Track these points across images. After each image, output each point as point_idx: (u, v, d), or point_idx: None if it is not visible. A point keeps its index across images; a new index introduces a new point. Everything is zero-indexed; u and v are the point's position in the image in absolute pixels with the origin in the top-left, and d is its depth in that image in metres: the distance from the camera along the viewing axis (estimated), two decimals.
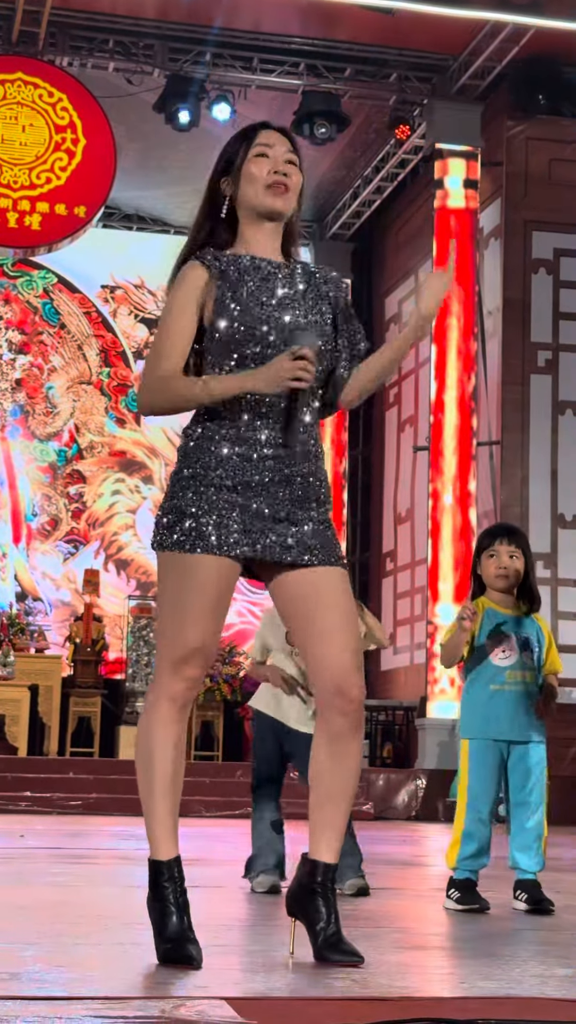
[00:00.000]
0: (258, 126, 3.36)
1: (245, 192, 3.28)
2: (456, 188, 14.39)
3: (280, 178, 3.25)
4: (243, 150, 3.30)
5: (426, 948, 3.70)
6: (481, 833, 4.61)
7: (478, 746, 4.65)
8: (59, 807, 11.90)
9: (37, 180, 13.68)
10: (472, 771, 4.65)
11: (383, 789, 13.12)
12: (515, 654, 4.67)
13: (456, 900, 4.55)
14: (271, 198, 3.26)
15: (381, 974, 2.99)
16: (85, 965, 3.02)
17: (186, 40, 14.10)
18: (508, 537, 4.73)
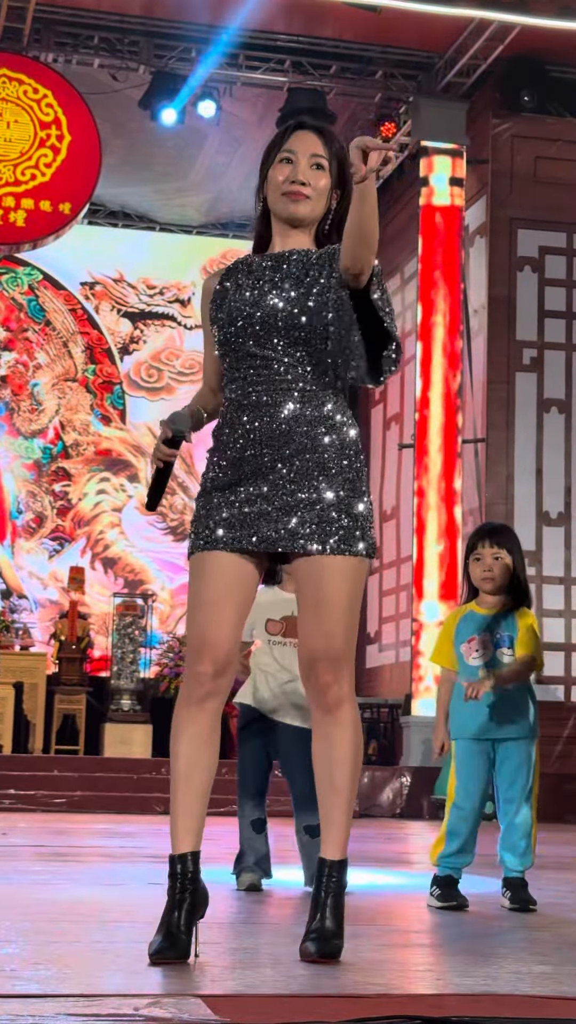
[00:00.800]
0: (292, 127, 3.35)
1: (269, 196, 3.32)
2: (441, 186, 14.39)
3: (295, 187, 3.25)
4: (273, 154, 3.32)
5: (405, 945, 3.70)
6: (465, 831, 4.61)
7: (463, 746, 4.66)
8: (43, 805, 11.88)
9: (22, 176, 13.65)
10: (458, 771, 4.66)
11: (368, 787, 13.11)
12: (489, 652, 4.66)
13: (437, 897, 4.56)
14: (288, 205, 3.28)
15: (358, 971, 2.99)
16: (62, 963, 3.01)
17: (171, 37, 14.08)
18: (491, 538, 4.71)
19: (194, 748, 3.20)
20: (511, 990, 2.80)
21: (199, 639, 3.18)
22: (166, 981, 2.78)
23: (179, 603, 17.26)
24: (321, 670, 3.19)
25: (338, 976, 2.89)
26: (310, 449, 3.19)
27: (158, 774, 12.85)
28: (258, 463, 3.19)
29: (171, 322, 17.89)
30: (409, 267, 15.64)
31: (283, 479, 3.18)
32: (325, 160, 3.29)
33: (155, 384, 17.73)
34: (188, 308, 17.81)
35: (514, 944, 3.69)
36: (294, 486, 3.18)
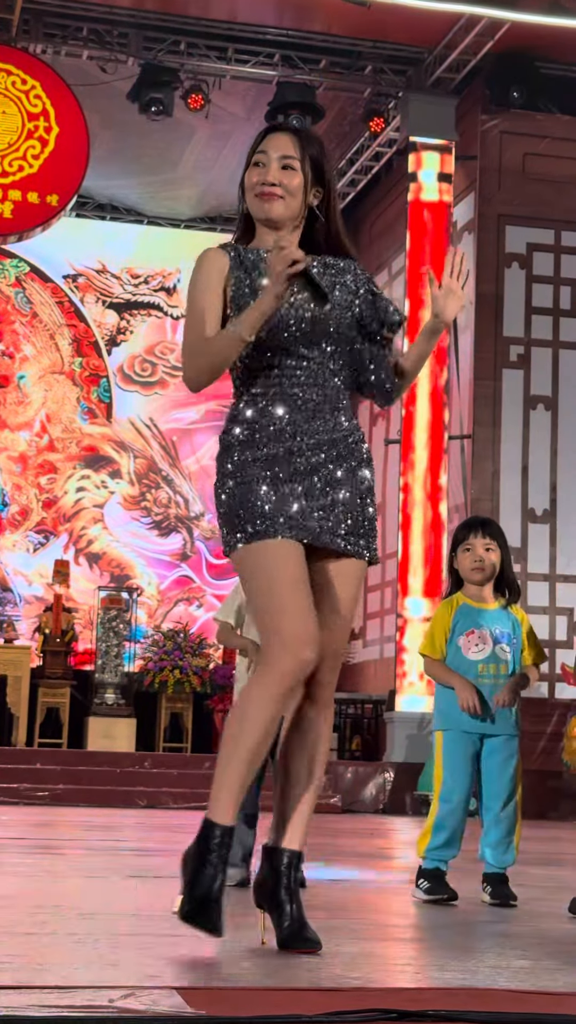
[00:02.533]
0: (265, 130, 3.46)
1: (247, 200, 3.40)
2: (430, 181, 14.38)
3: (265, 188, 3.33)
4: (248, 158, 3.41)
5: (384, 939, 3.69)
6: (452, 824, 4.60)
7: (451, 737, 4.64)
8: (26, 798, 11.86)
9: (9, 168, 13.60)
10: (445, 763, 4.64)
11: (351, 782, 13.12)
12: (488, 647, 4.65)
13: (424, 890, 4.55)
14: (260, 206, 3.36)
15: (336, 964, 2.97)
16: (38, 955, 2.99)
17: (161, 29, 14.04)
18: (483, 529, 4.71)
19: (266, 740, 3.18)
20: (489, 984, 2.79)
21: (301, 626, 3.14)
22: (141, 973, 2.77)
23: (168, 598, 17.24)
24: (327, 668, 3.27)
25: (315, 970, 2.88)
26: (350, 455, 3.31)
27: (141, 768, 12.85)
28: (307, 462, 3.25)
29: (157, 311, 17.85)
30: (397, 263, 15.63)
31: (329, 480, 3.26)
32: (296, 160, 3.36)
33: (149, 378, 17.69)
34: (174, 297, 17.76)
35: (493, 939, 3.68)
36: (335, 490, 3.26)
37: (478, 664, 4.63)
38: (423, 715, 13.51)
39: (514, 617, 4.72)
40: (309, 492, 3.23)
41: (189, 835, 3.26)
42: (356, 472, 3.30)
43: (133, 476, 17.33)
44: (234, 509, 3.23)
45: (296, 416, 3.26)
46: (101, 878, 5.15)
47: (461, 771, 4.62)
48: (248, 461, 3.25)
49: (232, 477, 3.26)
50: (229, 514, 3.25)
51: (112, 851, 6.90)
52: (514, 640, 4.68)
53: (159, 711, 15.23)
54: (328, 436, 3.27)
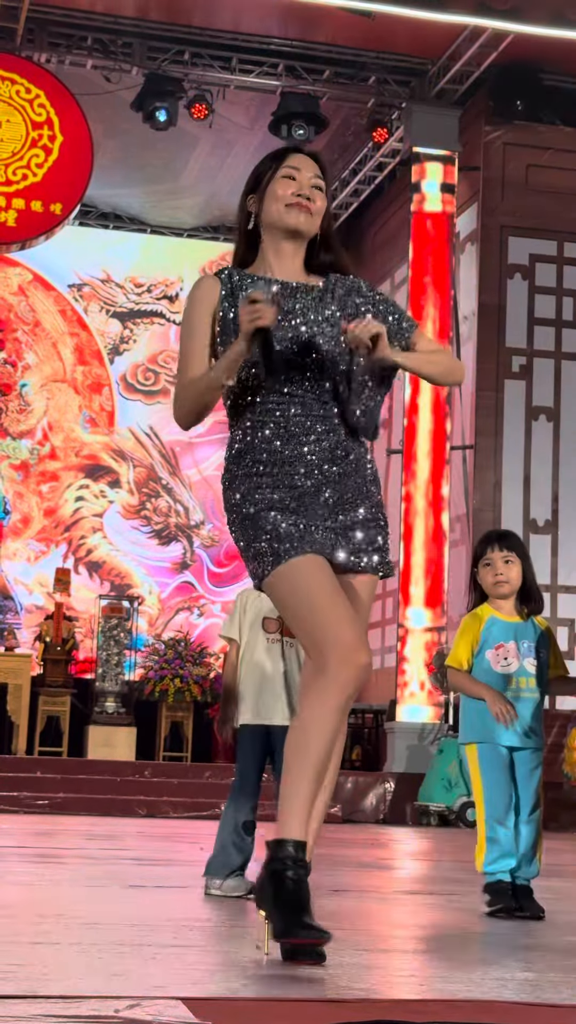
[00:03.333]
0: (290, 148, 3.47)
1: (268, 209, 3.37)
2: (433, 192, 14.41)
3: (301, 200, 3.35)
4: (271, 170, 3.39)
5: (388, 950, 3.68)
6: (503, 835, 4.58)
7: (486, 750, 4.62)
8: (26, 806, 11.84)
9: (13, 176, 13.63)
10: (484, 775, 4.61)
11: (351, 792, 13.10)
12: (517, 661, 4.63)
13: (488, 903, 4.52)
14: (291, 215, 3.35)
15: (341, 976, 2.97)
16: (41, 964, 2.98)
17: (165, 39, 14.07)
18: (500, 543, 4.69)
19: (333, 745, 3.20)
20: (494, 996, 2.78)
21: (350, 634, 3.16)
22: (146, 983, 2.76)
23: (168, 607, 17.23)
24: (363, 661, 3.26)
25: (321, 981, 2.88)
26: (356, 474, 3.31)
27: (141, 776, 12.83)
28: (313, 484, 3.25)
29: (160, 319, 17.87)
30: (399, 273, 15.65)
31: (337, 500, 3.27)
32: (323, 183, 3.41)
33: (151, 387, 17.70)
34: (176, 304, 17.78)
35: (498, 950, 3.68)
36: (344, 509, 3.28)
37: (508, 678, 4.62)
38: (424, 725, 13.50)
39: (540, 629, 4.71)
40: (319, 513, 3.24)
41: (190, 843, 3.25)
42: (363, 489, 3.31)
43: (132, 485, 17.34)
44: (252, 541, 3.24)
45: (298, 438, 3.26)
46: (103, 887, 5.14)
47: (503, 782, 4.60)
48: (253, 489, 3.26)
49: (240, 510, 3.27)
50: (249, 547, 3.26)
51: (113, 860, 6.89)
52: (541, 653, 4.67)
53: (159, 720, 15.22)
54: (331, 455, 3.27)
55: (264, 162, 3.44)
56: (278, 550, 3.19)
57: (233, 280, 3.36)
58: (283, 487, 3.25)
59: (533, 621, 4.70)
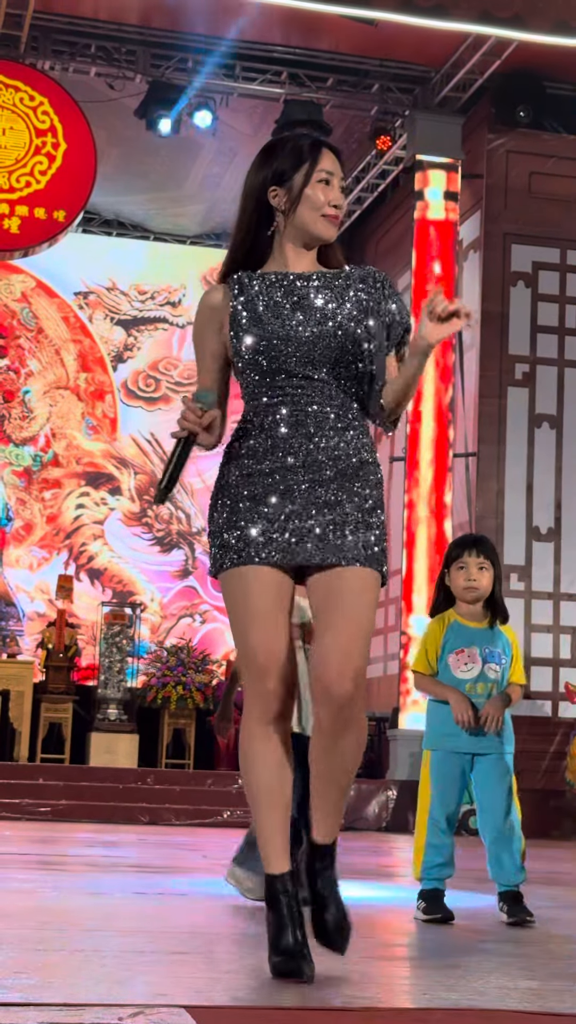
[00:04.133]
0: (319, 144, 3.35)
1: (302, 214, 3.30)
2: (436, 200, 14.41)
3: (336, 211, 3.31)
4: (305, 170, 3.29)
5: (391, 959, 3.67)
6: (443, 843, 4.61)
7: (439, 757, 4.65)
8: (28, 813, 11.84)
9: (16, 183, 13.64)
10: (433, 782, 4.64)
11: (354, 799, 13.08)
12: (478, 667, 4.66)
13: (423, 910, 4.55)
14: (327, 228, 3.32)
15: (345, 984, 2.96)
16: (45, 971, 2.98)
17: (168, 46, 14.09)
18: (477, 548, 4.71)
19: (272, 775, 3.18)
20: (498, 1005, 2.78)
21: (262, 658, 3.12)
22: (150, 991, 2.76)
23: (170, 614, 17.23)
24: (333, 666, 3.14)
25: (324, 990, 2.87)
26: (354, 475, 3.22)
27: (143, 784, 12.83)
28: (297, 481, 3.18)
29: (163, 324, 17.88)
30: (402, 280, 15.65)
31: (320, 500, 3.18)
32: (344, 183, 3.37)
33: (152, 394, 17.71)
34: (179, 308, 17.80)
35: (501, 959, 3.67)
36: (329, 508, 3.18)
37: (467, 683, 4.64)
38: None
39: (504, 637, 4.72)
40: (304, 511, 3.17)
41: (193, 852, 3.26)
42: (357, 490, 3.21)
43: (133, 492, 17.35)
44: (220, 529, 3.21)
45: (296, 433, 3.20)
46: (105, 895, 5.14)
47: (452, 791, 4.62)
48: (240, 478, 3.22)
49: (226, 492, 3.24)
50: (218, 533, 3.23)
51: (115, 868, 6.89)
52: (503, 660, 4.69)
53: (162, 727, 15.20)
54: (331, 454, 3.20)
55: (294, 153, 3.31)
56: (240, 552, 3.16)
57: (243, 281, 3.29)
58: (271, 480, 3.19)
59: (498, 629, 4.71)
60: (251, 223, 3.34)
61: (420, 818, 4.65)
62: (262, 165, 3.33)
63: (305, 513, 3.17)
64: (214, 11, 13.48)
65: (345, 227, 16.92)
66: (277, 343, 3.22)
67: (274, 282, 3.29)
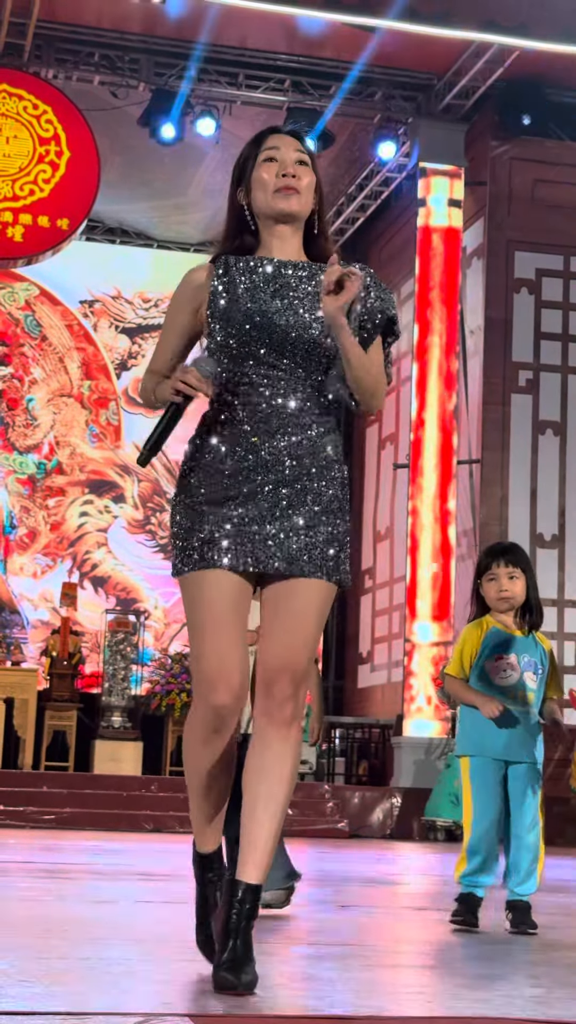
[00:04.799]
0: (267, 132, 3.35)
1: (256, 198, 3.28)
2: (440, 207, 14.43)
3: (288, 181, 3.23)
4: (253, 157, 3.30)
5: (396, 967, 3.67)
6: (485, 849, 4.58)
7: (478, 763, 4.62)
8: (32, 821, 11.82)
9: (20, 192, 13.66)
10: (475, 788, 4.61)
11: (358, 807, 13.07)
12: (516, 674, 4.63)
13: (452, 913, 4.54)
14: (281, 201, 3.25)
15: (349, 992, 2.96)
16: (50, 980, 2.98)
17: (172, 55, 14.11)
18: (505, 557, 4.69)
19: (212, 778, 3.19)
20: (503, 1013, 2.77)
21: (213, 669, 3.08)
22: (154, 1000, 2.76)
23: (173, 620, 17.23)
24: (284, 683, 3.10)
25: (329, 997, 2.87)
26: (310, 476, 3.15)
27: (147, 791, 12.81)
28: (259, 482, 3.12)
29: None
30: (406, 287, 15.66)
31: (283, 501, 3.12)
32: (307, 156, 3.30)
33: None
34: None
35: (506, 967, 3.66)
36: (292, 510, 3.12)
37: (507, 690, 4.61)
38: (431, 740, 13.48)
39: (542, 647, 4.71)
40: (266, 515, 3.11)
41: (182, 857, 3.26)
42: (326, 491, 3.15)
43: (137, 500, 17.35)
44: (179, 534, 3.17)
45: (257, 431, 3.13)
46: (110, 903, 5.13)
47: (492, 797, 4.60)
48: (202, 479, 3.16)
49: (179, 500, 3.19)
50: (175, 538, 3.19)
51: (120, 876, 6.88)
52: (540, 669, 4.67)
53: (166, 734, 15.19)
54: (294, 452, 3.13)
55: (244, 151, 3.33)
56: (198, 554, 3.11)
57: (229, 263, 3.27)
58: (228, 483, 3.13)
59: (535, 637, 4.70)
60: (229, 224, 3.37)
61: (465, 825, 4.64)
62: (232, 170, 3.38)
63: (268, 515, 3.11)
64: (217, 20, 13.50)
65: (348, 234, 16.95)
66: (249, 328, 3.16)
67: (257, 266, 3.25)
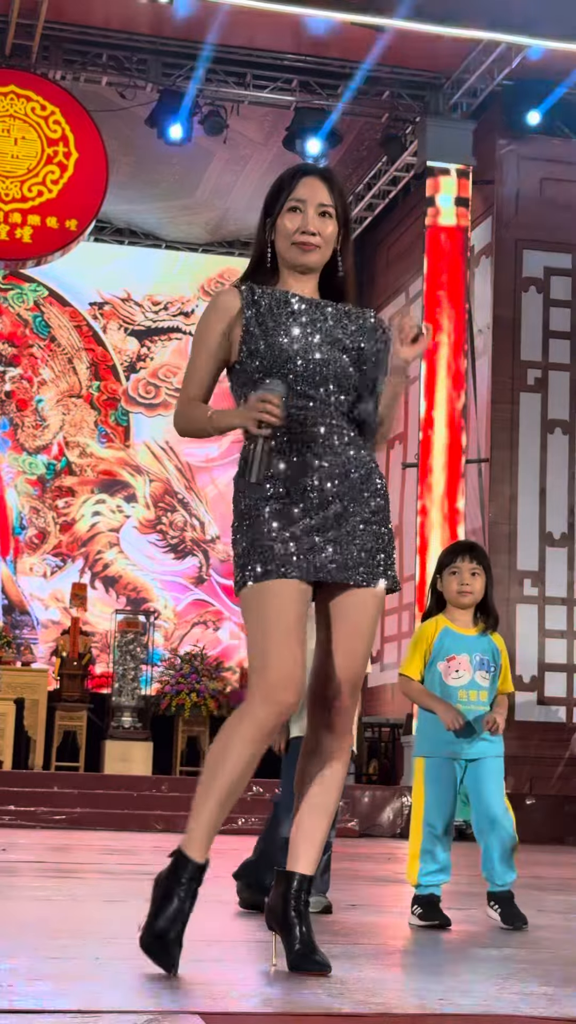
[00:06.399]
0: (297, 172, 3.43)
1: (279, 243, 3.40)
2: (447, 206, 14.43)
3: (306, 238, 3.35)
4: (281, 199, 3.39)
5: (406, 965, 3.68)
6: (438, 850, 4.62)
7: (432, 764, 4.67)
8: (43, 821, 11.85)
9: (29, 193, 13.69)
10: (428, 789, 4.66)
11: (368, 806, 13.09)
12: (468, 674, 4.67)
13: (419, 916, 4.56)
14: (299, 255, 3.37)
15: (359, 990, 2.97)
16: (61, 979, 2.99)
17: (179, 55, 14.12)
18: (470, 554, 4.75)
19: (241, 781, 3.23)
20: (512, 1011, 2.78)
21: (286, 669, 3.17)
22: (165, 998, 2.77)
23: (184, 621, 17.24)
24: (345, 695, 3.31)
25: (338, 995, 2.88)
26: (363, 487, 3.32)
27: (158, 791, 12.83)
28: (312, 499, 3.26)
29: (177, 334, 17.90)
30: (414, 287, 15.67)
31: (336, 515, 3.27)
32: (331, 208, 3.39)
33: (152, 400, 17.73)
34: (192, 318, 17.81)
35: (515, 965, 3.67)
36: (344, 522, 3.28)
37: (458, 690, 4.65)
38: None
39: (494, 644, 4.74)
40: (321, 528, 3.26)
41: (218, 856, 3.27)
42: (369, 503, 3.32)
43: (149, 500, 17.36)
44: (247, 549, 3.28)
45: (305, 453, 3.29)
46: (121, 902, 5.15)
47: (446, 797, 4.64)
48: (260, 500, 3.28)
49: (246, 517, 3.30)
50: (242, 554, 3.29)
51: (131, 875, 6.89)
52: (493, 668, 4.70)
53: (176, 735, 15.22)
54: (340, 470, 3.29)
55: (274, 187, 3.43)
56: (261, 568, 3.23)
57: (255, 292, 3.37)
58: (289, 500, 3.26)
59: (488, 636, 4.73)
60: (260, 254, 3.45)
61: (415, 825, 4.67)
62: (265, 201, 3.45)
63: (323, 527, 3.26)
64: (224, 20, 13.51)
65: (356, 234, 16.96)
66: (285, 361, 3.30)
67: (286, 300, 3.37)
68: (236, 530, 3.34)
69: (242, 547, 3.29)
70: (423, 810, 4.64)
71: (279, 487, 3.27)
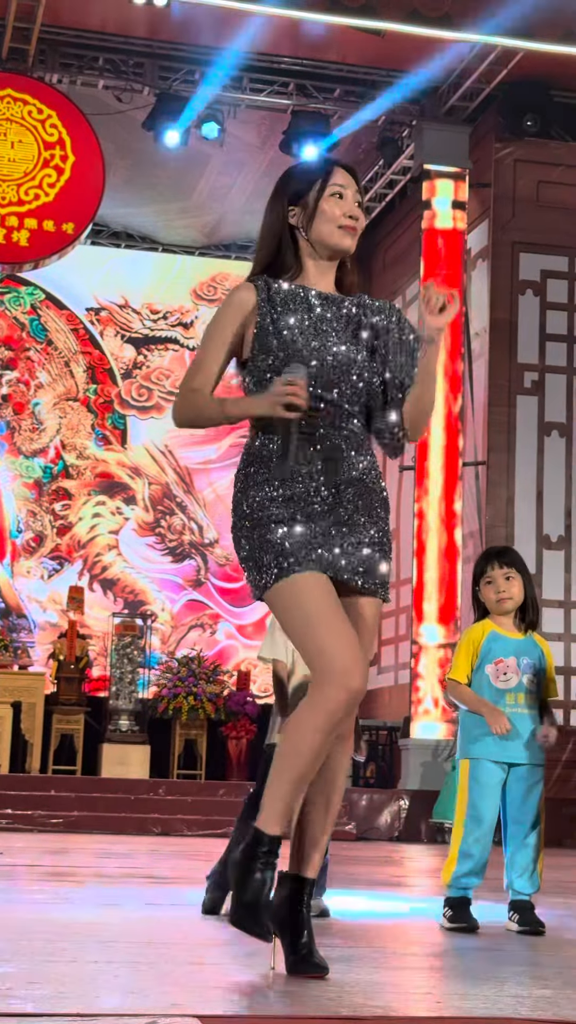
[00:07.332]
0: (332, 162, 3.50)
1: (319, 228, 3.42)
2: (444, 209, 14.43)
3: (353, 222, 3.42)
4: (318, 186, 3.43)
5: (404, 968, 3.67)
6: (478, 852, 4.59)
7: (479, 766, 4.63)
8: (40, 825, 11.84)
9: (25, 196, 13.68)
10: (472, 791, 4.62)
11: (365, 809, 13.08)
12: (516, 677, 4.65)
13: (448, 918, 4.54)
14: (344, 238, 3.42)
15: (357, 993, 2.97)
16: (58, 982, 2.99)
17: (176, 59, 14.12)
18: (500, 559, 4.72)
19: (319, 760, 3.25)
20: (511, 1014, 2.77)
21: (349, 655, 3.18)
22: (163, 1001, 2.76)
23: (181, 624, 17.23)
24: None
25: (337, 998, 2.87)
26: (368, 494, 3.34)
27: (155, 795, 12.82)
28: (319, 503, 3.27)
29: (174, 345, 17.89)
30: (411, 290, 15.67)
31: (342, 522, 3.29)
32: (362, 200, 3.50)
33: (145, 403, 17.72)
34: (191, 330, 17.80)
35: (514, 967, 3.67)
36: (351, 531, 3.30)
37: (506, 693, 4.63)
38: (438, 742, 13.48)
39: (540, 648, 4.72)
40: (327, 531, 3.27)
41: (205, 862, 3.26)
42: (374, 511, 3.34)
43: (148, 502, 17.35)
44: (256, 551, 3.27)
45: (315, 455, 3.29)
46: (118, 905, 5.14)
47: (490, 800, 4.61)
48: (265, 500, 3.27)
49: (249, 518, 3.29)
50: (251, 557, 3.28)
51: (128, 879, 6.89)
52: (539, 671, 4.68)
53: (173, 738, 15.21)
54: (346, 475, 3.30)
55: (303, 174, 3.47)
56: (282, 564, 3.22)
57: (271, 287, 3.39)
58: (294, 502, 3.26)
59: (533, 639, 4.71)
60: (275, 246, 3.46)
61: (457, 826, 4.65)
62: (281, 189, 3.48)
63: (333, 531, 3.27)
64: (221, 23, 13.51)
65: None
66: (298, 362, 3.30)
67: (303, 297, 3.38)
68: (239, 531, 3.32)
69: (249, 549, 3.28)
70: (465, 813, 4.62)
71: (287, 489, 3.27)
